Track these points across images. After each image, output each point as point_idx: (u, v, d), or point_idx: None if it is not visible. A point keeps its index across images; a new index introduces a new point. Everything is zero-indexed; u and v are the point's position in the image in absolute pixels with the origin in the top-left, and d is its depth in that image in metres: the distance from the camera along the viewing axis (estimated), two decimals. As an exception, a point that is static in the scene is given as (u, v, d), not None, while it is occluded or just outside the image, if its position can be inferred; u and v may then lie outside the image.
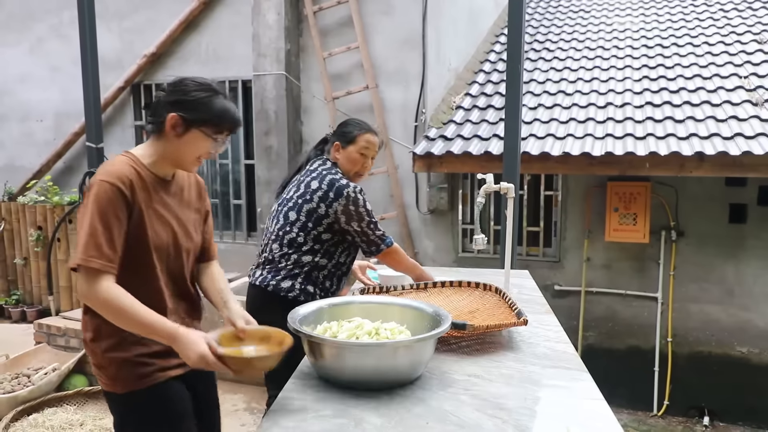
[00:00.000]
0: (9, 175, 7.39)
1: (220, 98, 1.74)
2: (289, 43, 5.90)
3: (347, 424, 1.44)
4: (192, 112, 1.70)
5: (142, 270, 1.72)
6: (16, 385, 4.11)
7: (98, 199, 1.60)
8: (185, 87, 1.72)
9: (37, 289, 6.80)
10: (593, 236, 5.67)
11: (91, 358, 1.78)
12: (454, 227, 5.97)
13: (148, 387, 1.73)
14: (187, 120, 1.70)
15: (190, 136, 1.71)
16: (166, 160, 1.77)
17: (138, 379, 1.73)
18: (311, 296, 2.44)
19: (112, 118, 6.96)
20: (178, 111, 1.69)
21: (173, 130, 1.70)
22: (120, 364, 1.72)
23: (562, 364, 1.86)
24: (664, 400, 5.55)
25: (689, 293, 5.52)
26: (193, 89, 1.71)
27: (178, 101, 1.70)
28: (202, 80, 1.75)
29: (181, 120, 1.69)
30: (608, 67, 6.59)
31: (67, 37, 6.84)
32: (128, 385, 1.73)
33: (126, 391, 1.73)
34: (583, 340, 5.77)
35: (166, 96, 1.73)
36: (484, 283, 2.50)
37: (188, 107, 1.70)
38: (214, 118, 1.71)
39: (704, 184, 5.35)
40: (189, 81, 1.74)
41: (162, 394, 1.76)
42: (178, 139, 1.71)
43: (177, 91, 1.72)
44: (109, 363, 1.72)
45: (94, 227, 1.58)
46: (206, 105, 1.71)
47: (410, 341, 1.67)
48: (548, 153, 5.04)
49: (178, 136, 1.71)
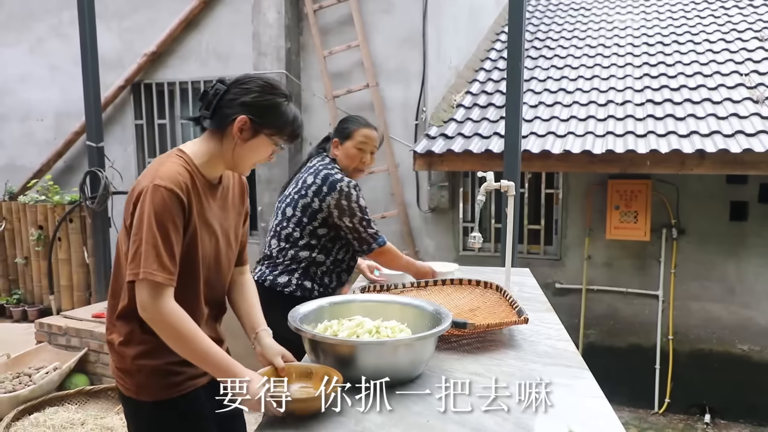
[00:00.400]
0: (10, 175, 7.40)
1: (291, 104, 1.65)
2: (290, 41, 5.90)
3: (347, 421, 1.44)
4: (264, 118, 1.60)
5: (186, 278, 1.61)
6: (18, 384, 4.12)
7: (156, 207, 1.49)
8: (258, 88, 1.61)
9: (38, 288, 6.81)
10: (594, 234, 5.67)
11: (117, 362, 1.68)
12: (455, 225, 5.96)
13: (175, 397, 1.67)
14: (256, 124, 1.59)
15: (256, 142, 1.62)
16: (220, 161, 1.65)
17: (166, 389, 1.66)
18: (308, 292, 2.44)
19: (113, 117, 6.96)
20: (249, 114, 1.58)
21: (240, 133, 1.60)
22: (149, 372, 1.64)
23: (563, 362, 1.86)
24: (665, 398, 5.54)
25: (690, 291, 5.52)
26: (267, 92, 1.61)
27: (250, 103, 1.59)
28: (274, 82, 1.66)
29: (251, 124, 1.59)
30: (609, 64, 6.58)
31: (67, 36, 6.84)
32: (155, 394, 1.65)
33: (153, 400, 1.65)
34: (585, 338, 5.77)
35: (233, 93, 1.61)
36: (484, 281, 2.50)
37: (260, 112, 1.59)
38: (284, 126, 1.63)
39: (705, 182, 5.34)
40: (261, 82, 1.63)
41: (188, 404, 1.70)
42: (243, 143, 1.61)
43: (249, 91, 1.60)
44: (138, 370, 1.64)
45: (154, 237, 1.47)
46: (279, 111, 1.62)
47: (411, 339, 1.67)
48: (549, 151, 5.03)
49: (244, 140, 1.61)
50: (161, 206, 1.49)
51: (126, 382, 1.67)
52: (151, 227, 1.48)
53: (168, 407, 1.67)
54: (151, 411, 1.67)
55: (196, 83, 6.63)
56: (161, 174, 1.52)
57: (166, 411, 1.67)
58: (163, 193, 1.49)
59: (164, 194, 1.49)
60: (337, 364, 1.61)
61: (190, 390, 1.70)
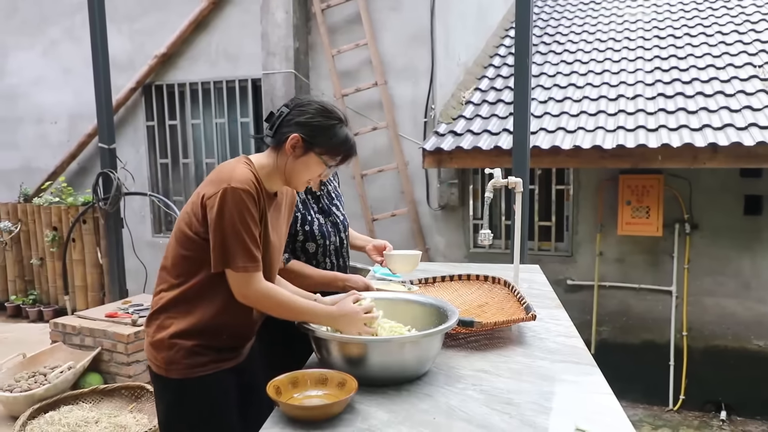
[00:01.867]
0: (25, 177, 7.48)
1: (344, 128, 1.79)
2: (298, 41, 5.91)
3: (354, 419, 1.44)
4: (315, 138, 1.75)
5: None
6: (33, 383, 4.16)
7: (238, 206, 1.64)
8: (314, 110, 1.77)
9: (53, 288, 6.88)
10: (606, 230, 5.63)
11: (153, 335, 1.81)
12: (465, 223, 5.95)
13: (200, 377, 1.77)
14: (307, 143, 1.74)
15: (307, 159, 1.76)
16: (278, 176, 1.81)
17: (193, 368, 1.76)
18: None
19: (124, 118, 7.02)
20: (302, 133, 1.74)
21: (292, 150, 1.75)
22: (180, 350, 1.75)
23: (572, 359, 1.85)
24: (679, 395, 5.50)
25: (704, 287, 5.47)
26: (320, 114, 1.76)
27: (303, 123, 1.75)
28: (331, 107, 1.81)
29: (303, 142, 1.74)
30: (619, 58, 6.53)
31: (80, 39, 6.90)
32: (183, 372, 1.76)
33: (180, 377, 1.77)
34: (597, 335, 5.74)
35: (292, 114, 1.78)
36: (492, 276, 2.49)
37: (312, 132, 1.74)
38: (334, 146, 1.77)
39: (718, 176, 5.28)
40: (318, 105, 1.79)
41: (213, 385, 1.80)
42: (295, 160, 1.76)
43: (304, 113, 1.76)
44: (170, 347, 1.76)
45: (239, 233, 1.65)
46: (330, 132, 1.76)
47: (417, 337, 1.67)
48: (559, 147, 5.00)
49: (296, 156, 1.76)
50: (242, 205, 1.65)
51: (157, 359, 1.79)
52: (235, 225, 1.64)
53: (193, 385, 1.78)
54: (177, 388, 1.79)
55: (206, 84, 6.66)
56: (237, 177, 1.67)
57: (191, 389, 1.78)
58: (242, 194, 1.65)
59: (243, 195, 1.65)
60: (344, 362, 1.62)
61: (215, 371, 1.80)
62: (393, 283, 2.41)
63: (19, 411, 3.87)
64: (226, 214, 1.64)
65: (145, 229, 7.02)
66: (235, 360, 1.88)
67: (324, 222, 2.32)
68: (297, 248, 2.26)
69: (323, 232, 2.29)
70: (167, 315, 1.79)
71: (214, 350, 1.80)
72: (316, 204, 2.34)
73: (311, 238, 2.26)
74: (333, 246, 2.34)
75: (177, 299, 1.78)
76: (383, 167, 5.85)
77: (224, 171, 1.72)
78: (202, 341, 1.77)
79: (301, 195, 2.29)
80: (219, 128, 6.74)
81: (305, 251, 2.27)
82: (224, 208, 1.64)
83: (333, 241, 2.34)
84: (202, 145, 6.86)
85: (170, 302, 1.79)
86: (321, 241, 2.29)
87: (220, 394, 1.83)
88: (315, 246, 2.28)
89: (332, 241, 2.33)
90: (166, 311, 1.79)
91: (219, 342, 1.81)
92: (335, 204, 2.42)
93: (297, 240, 2.25)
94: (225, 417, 1.84)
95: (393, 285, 2.34)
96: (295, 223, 2.23)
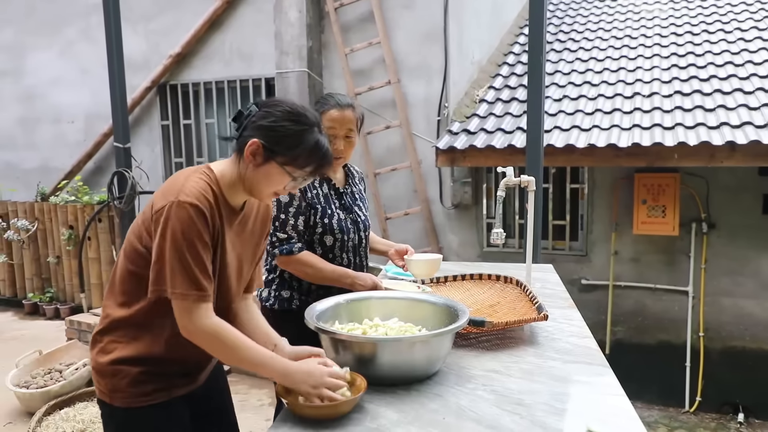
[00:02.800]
0: (43, 176, 7.56)
1: (314, 134, 1.53)
2: (311, 40, 5.92)
3: (363, 418, 1.44)
4: (277, 145, 1.51)
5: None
6: (49, 380, 4.21)
7: (183, 224, 1.43)
8: (277, 113, 1.53)
9: (69, 286, 6.95)
10: (621, 229, 5.58)
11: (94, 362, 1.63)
12: (478, 222, 5.92)
13: (146, 406, 1.59)
14: (268, 150, 1.51)
15: (268, 169, 1.53)
16: (241, 186, 1.58)
17: (137, 397, 1.58)
18: (287, 302, 2.29)
19: (140, 118, 7.07)
20: (263, 138, 1.51)
21: (252, 158, 1.52)
22: (123, 377, 1.57)
23: (584, 360, 1.83)
24: (696, 396, 5.43)
25: (722, 287, 5.39)
26: (284, 118, 1.52)
27: (265, 127, 1.52)
28: (302, 109, 1.56)
29: (263, 149, 1.51)
30: (636, 56, 6.46)
31: (96, 40, 6.95)
32: (127, 401, 1.59)
33: (123, 406, 1.59)
34: (612, 335, 5.68)
35: (257, 116, 1.55)
36: (504, 276, 2.47)
37: (274, 138, 1.51)
38: (299, 156, 1.52)
39: (736, 175, 5.21)
40: (284, 107, 1.54)
41: (161, 415, 1.62)
42: (255, 169, 1.53)
43: (269, 115, 1.53)
44: (114, 374, 1.58)
45: (183, 256, 1.43)
46: (295, 139, 1.51)
47: (427, 336, 1.66)
48: (573, 145, 4.96)
49: (256, 165, 1.53)
50: (188, 222, 1.44)
51: (100, 384, 1.62)
52: (178, 246, 1.43)
53: (138, 415, 1.60)
54: (122, 417, 1.61)
55: (220, 83, 6.69)
56: (187, 190, 1.47)
57: (137, 419, 1.61)
58: (189, 210, 1.44)
59: (190, 211, 1.44)
60: (354, 361, 1.61)
61: (164, 400, 1.62)
62: (405, 282, 2.39)
63: (35, 407, 3.92)
64: (168, 232, 1.43)
65: (160, 228, 7.05)
66: (189, 386, 1.68)
67: (344, 218, 2.32)
68: (314, 240, 2.26)
69: (342, 227, 2.29)
70: (111, 338, 1.59)
71: (162, 377, 1.60)
72: (338, 200, 2.34)
73: (329, 231, 2.26)
74: (351, 243, 2.34)
75: (123, 321, 1.58)
76: (396, 166, 5.84)
77: (176, 182, 1.51)
78: (148, 368, 1.58)
79: (324, 189, 2.30)
80: (233, 128, 6.75)
81: (322, 244, 2.27)
82: (167, 225, 1.43)
83: (352, 238, 2.34)
84: (216, 144, 6.90)
85: (115, 323, 1.59)
86: (339, 236, 2.29)
87: (169, 425, 1.64)
88: (332, 239, 2.28)
89: (351, 237, 2.33)
90: (110, 333, 1.60)
91: (167, 368, 1.61)
92: (358, 204, 2.43)
93: (315, 232, 2.25)
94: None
95: (405, 285, 2.32)
96: (315, 215, 2.23)
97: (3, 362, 4.79)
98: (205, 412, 1.77)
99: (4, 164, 8.07)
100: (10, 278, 7.36)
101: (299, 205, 2.21)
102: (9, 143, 8.01)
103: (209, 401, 1.79)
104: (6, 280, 7.36)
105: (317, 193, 2.28)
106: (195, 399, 1.71)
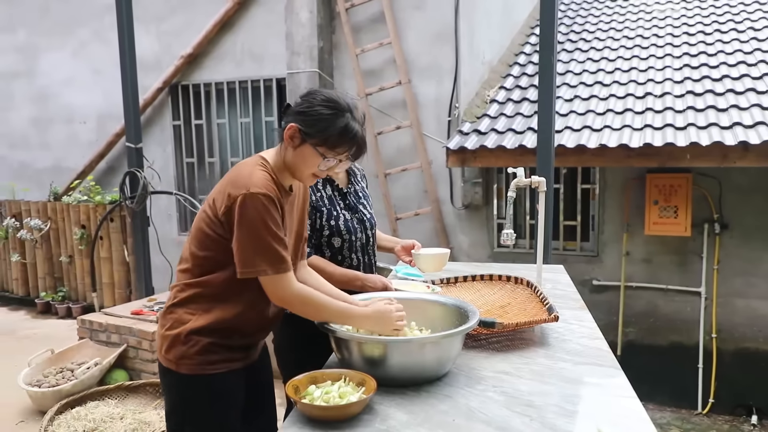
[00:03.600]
0: (55, 176, 7.63)
1: (345, 118, 1.70)
2: (322, 40, 5.92)
3: (372, 419, 1.44)
4: (311, 127, 1.69)
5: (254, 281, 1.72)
6: (61, 379, 4.25)
7: (261, 212, 1.63)
8: (313, 99, 1.72)
9: (81, 286, 7.01)
10: (632, 230, 5.54)
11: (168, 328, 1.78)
12: (489, 222, 5.91)
13: (210, 374, 1.76)
14: (303, 133, 1.69)
15: (303, 150, 1.71)
16: (287, 170, 1.78)
17: (204, 365, 1.75)
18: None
19: (152, 118, 7.11)
20: (299, 122, 1.70)
21: (290, 141, 1.71)
22: (193, 346, 1.74)
23: (595, 361, 1.82)
24: (709, 398, 5.38)
25: (735, 288, 5.34)
26: (318, 103, 1.70)
27: (301, 113, 1.71)
28: (334, 96, 1.74)
29: (299, 132, 1.69)
30: (647, 56, 6.42)
31: (108, 40, 7.00)
32: (193, 368, 1.75)
33: (189, 373, 1.75)
34: (623, 336, 5.65)
35: (297, 105, 1.74)
36: (515, 277, 2.46)
37: (308, 121, 1.69)
38: (331, 137, 1.68)
39: (749, 175, 5.16)
40: (318, 94, 1.73)
41: (221, 384, 1.79)
42: (294, 151, 1.72)
43: (304, 102, 1.73)
44: (185, 342, 1.74)
45: (265, 239, 1.64)
46: (326, 122, 1.68)
47: (437, 337, 1.66)
48: (584, 145, 4.93)
49: (294, 147, 1.72)
50: (263, 210, 1.63)
51: (168, 353, 1.77)
52: (258, 232, 1.63)
53: (201, 382, 1.77)
54: (186, 383, 1.77)
55: (232, 83, 6.72)
56: (255, 182, 1.64)
57: (199, 386, 1.77)
58: (263, 200, 1.63)
59: (264, 200, 1.63)
60: (364, 362, 1.61)
61: (225, 371, 1.78)
62: (415, 283, 2.39)
63: (47, 406, 3.96)
64: (246, 222, 1.63)
65: (171, 228, 7.10)
66: (246, 360, 1.88)
67: (350, 218, 2.33)
68: (322, 243, 2.27)
69: (349, 227, 2.30)
70: (186, 310, 1.78)
71: (227, 349, 1.79)
72: (342, 200, 2.35)
73: (337, 233, 2.27)
74: (359, 242, 2.35)
75: (197, 296, 1.77)
76: (407, 166, 5.84)
77: (242, 175, 1.69)
78: (217, 339, 1.76)
79: (328, 191, 2.30)
80: (244, 128, 6.79)
81: (330, 246, 2.28)
82: (245, 216, 1.63)
83: (359, 237, 2.35)
84: (227, 144, 6.92)
85: (189, 298, 1.78)
86: (347, 237, 2.29)
87: (227, 393, 1.81)
88: (340, 241, 2.29)
89: (358, 237, 2.34)
90: (185, 306, 1.78)
91: (233, 341, 1.80)
92: (362, 203, 2.43)
93: (323, 235, 2.26)
94: (228, 417, 1.82)
95: (415, 285, 2.32)
96: (321, 217, 2.25)
97: (15, 361, 4.84)
98: (255, 384, 1.95)
99: (18, 164, 8.15)
100: (23, 277, 7.43)
101: None
102: (22, 143, 8.09)
103: (259, 374, 1.98)
104: (19, 279, 7.44)
105: (321, 196, 2.28)
106: (250, 372, 1.90)
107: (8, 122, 8.17)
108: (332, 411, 1.43)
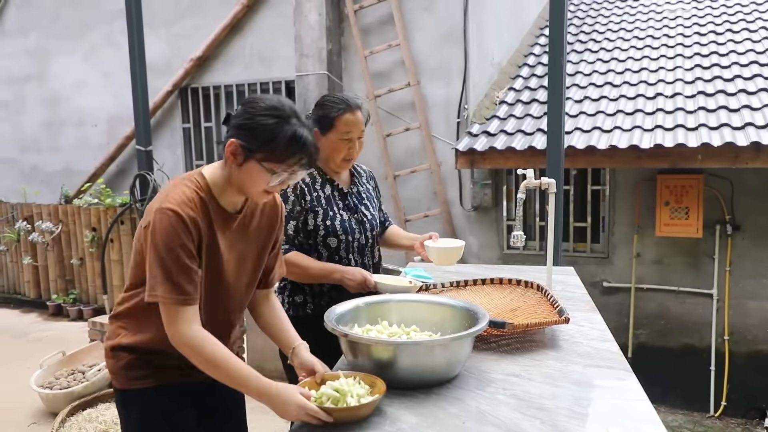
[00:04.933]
0: (67, 179, 7.69)
1: (290, 125, 1.49)
2: (331, 42, 5.93)
3: (382, 422, 1.43)
4: (252, 141, 1.48)
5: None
6: (72, 381, 4.27)
7: (164, 231, 1.46)
8: (252, 109, 1.51)
9: (92, 288, 7.05)
10: (643, 231, 5.50)
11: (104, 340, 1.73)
12: (498, 224, 5.89)
13: (138, 389, 1.66)
14: (246, 149, 1.49)
15: (249, 167, 1.51)
16: (232, 188, 1.59)
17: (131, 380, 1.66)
18: (301, 307, 2.30)
19: (161, 121, 7.15)
20: (240, 137, 1.50)
21: (233, 158, 1.52)
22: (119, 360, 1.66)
23: (606, 364, 1.81)
24: (721, 401, 5.34)
25: (747, 289, 5.30)
26: (259, 113, 1.49)
27: (241, 126, 1.50)
28: (276, 102, 1.52)
29: (241, 148, 1.50)
30: (658, 56, 6.38)
31: (119, 44, 7.05)
32: (122, 383, 1.67)
33: (119, 388, 1.69)
34: (634, 339, 5.61)
35: (236, 116, 1.54)
36: (525, 280, 2.45)
37: (250, 134, 1.49)
38: (276, 150, 1.48)
39: (761, 176, 5.11)
40: (259, 102, 1.52)
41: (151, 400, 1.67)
42: (238, 168, 1.52)
43: (244, 113, 1.52)
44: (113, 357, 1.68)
45: (164, 261, 1.46)
46: (270, 133, 1.47)
47: (446, 340, 1.65)
48: (594, 146, 4.91)
49: (238, 164, 1.52)
50: (169, 230, 1.46)
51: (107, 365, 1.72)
52: (160, 253, 1.46)
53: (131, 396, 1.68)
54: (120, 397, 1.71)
55: (241, 86, 6.75)
56: (170, 198, 1.49)
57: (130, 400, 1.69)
58: (171, 218, 1.46)
59: (171, 219, 1.46)
60: (374, 365, 1.61)
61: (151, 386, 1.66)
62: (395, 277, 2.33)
63: (59, 408, 3.98)
64: (151, 239, 1.47)
65: (181, 230, 7.12)
66: (185, 378, 1.68)
67: (348, 218, 2.30)
68: (318, 243, 2.26)
69: (346, 228, 2.28)
70: (119, 324, 1.69)
71: (151, 366, 1.66)
72: (342, 201, 2.32)
73: (332, 233, 2.25)
74: (357, 243, 2.33)
75: (128, 311, 1.67)
76: (416, 168, 5.83)
77: (164, 190, 1.55)
78: (139, 355, 1.65)
79: (327, 191, 2.29)
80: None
81: (327, 246, 2.27)
82: (152, 234, 1.47)
83: (357, 238, 2.33)
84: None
85: (123, 313, 1.68)
86: (343, 237, 2.27)
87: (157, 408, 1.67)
88: (337, 241, 2.27)
89: (356, 238, 2.32)
90: (120, 320, 1.69)
91: (158, 361, 1.65)
92: (365, 204, 2.41)
93: (318, 235, 2.25)
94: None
95: (397, 279, 2.28)
96: (316, 218, 2.23)
97: (27, 363, 4.88)
98: (211, 404, 1.80)
99: (29, 167, 8.22)
100: (35, 280, 7.48)
101: (291, 209, 2.20)
102: (34, 146, 8.16)
103: (215, 394, 1.77)
104: (30, 282, 7.49)
105: (318, 196, 2.26)
106: (198, 389, 1.72)
107: (20, 126, 8.25)
108: (342, 413, 1.43)
